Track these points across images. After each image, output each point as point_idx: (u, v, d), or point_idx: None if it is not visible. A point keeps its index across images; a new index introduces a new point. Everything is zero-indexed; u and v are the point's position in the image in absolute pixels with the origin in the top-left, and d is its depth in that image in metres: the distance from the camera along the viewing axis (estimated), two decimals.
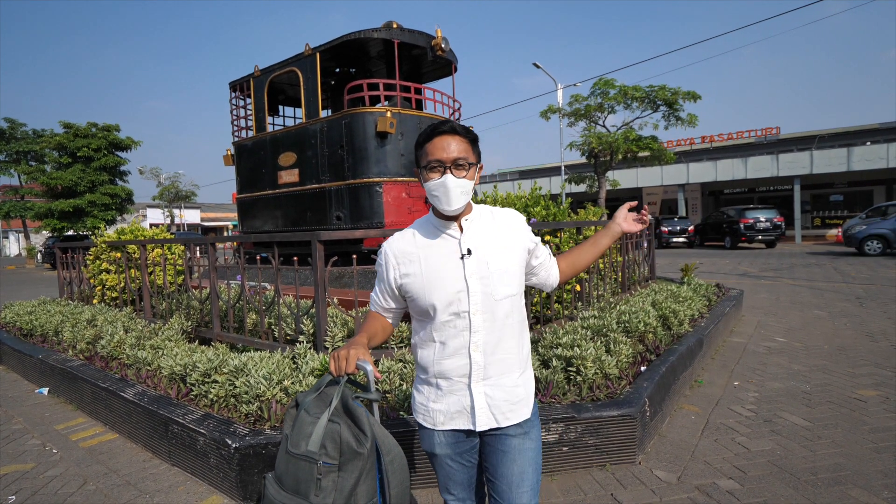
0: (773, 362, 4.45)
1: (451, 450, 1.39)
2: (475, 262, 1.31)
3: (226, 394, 2.82)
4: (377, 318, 1.46)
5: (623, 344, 3.31)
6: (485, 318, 1.31)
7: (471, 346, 1.31)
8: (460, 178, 1.28)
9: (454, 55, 6.53)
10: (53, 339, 4.72)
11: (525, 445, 1.35)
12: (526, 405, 1.35)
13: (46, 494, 2.62)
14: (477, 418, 1.31)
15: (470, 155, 1.31)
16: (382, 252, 1.42)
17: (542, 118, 21.94)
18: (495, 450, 1.36)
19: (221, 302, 4.05)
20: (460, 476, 1.42)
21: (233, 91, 7.08)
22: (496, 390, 1.32)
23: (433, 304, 1.31)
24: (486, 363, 1.31)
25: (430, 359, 1.36)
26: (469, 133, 1.31)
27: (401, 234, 1.43)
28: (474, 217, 1.38)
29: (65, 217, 22.54)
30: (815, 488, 2.40)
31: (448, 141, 1.28)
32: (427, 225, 1.40)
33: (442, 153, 1.27)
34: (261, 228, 6.74)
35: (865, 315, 6.29)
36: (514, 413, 1.33)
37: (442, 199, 1.29)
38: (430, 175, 1.30)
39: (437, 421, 1.35)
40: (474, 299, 1.30)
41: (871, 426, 3.07)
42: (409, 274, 1.35)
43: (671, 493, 2.41)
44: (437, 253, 1.34)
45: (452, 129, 1.29)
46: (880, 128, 29.03)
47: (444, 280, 1.31)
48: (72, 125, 23.18)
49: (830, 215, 27.57)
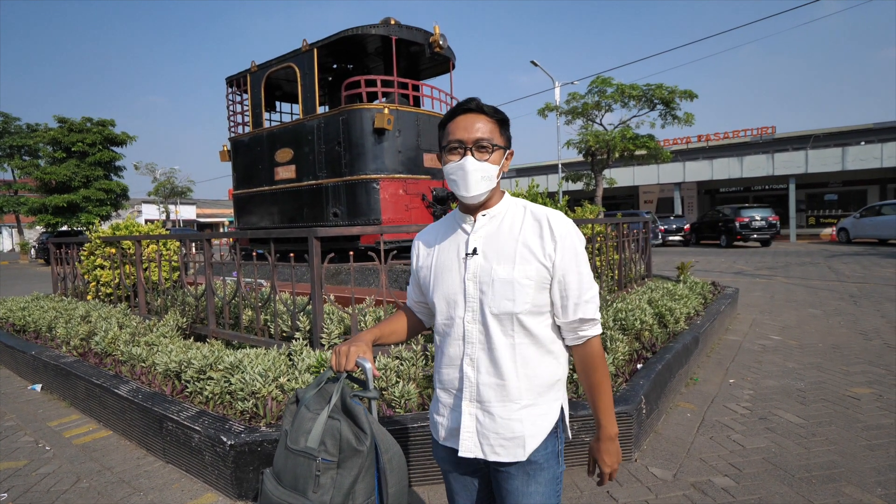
0: (768, 360, 4.47)
1: (452, 468, 1.27)
2: (478, 265, 1.16)
3: (221, 391, 2.81)
4: (403, 316, 1.40)
5: (619, 342, 3.32)
6: (481, 330, 1.15)
7: (464, 358, 1.17)
8: (482, 160, 1.13)
9: (452, 52, 6.51)
10: (47, 336, 4.68)
11: (529, 489, 1.15)
12: (520, 445, 1.13)
13: (39, 492, 2.60)
14: (462, 442, 1.17)
15: (496, 137, 1.15)
16: (413, 242, 1.37)
17: (539, 116, 21.97)
18: (499, 486, 1.20)
19: (217, 298, 4.03)
20: (462, 499, 1.29)
21: (229, 86, 7.03)
22: (488, 418, 1.15)
23: (434, 303, 1.24)
24: (478, 382, 1.15)
25: (436, 365, 1.27)
26: (497, 113, 1.17)
27: (432, 225, 1.35)
28: (497, 212, 1.20)
29: (59, 212, 22.39)
30: (809, 485, 2.42)
31: (472, 120, 1.14)
32: (451, 216, 1.29)
33: (463, 133, 1.14)
34: (257, 225, 6.71)
35: (859, 313, 6.33)
36: (505, 450, 1.14)
37: (459, 183, 1.15)
38: (449, 157, 1.16)
39: (440, 435, 1.24)
40: (471, 306, 1.16)
41: (864, 423, 3.09)
42: (423, 266, 1.30)
43: (667, 490, 2.42)
44: (448, 247, 1.24)
45: (479, 107, 1.15)
46: (874, 128, 29.19)
47: (446, 280, 1.21)
48: (66, 120, 23.00)
49: (825, 214, 27.74)
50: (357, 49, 6.56)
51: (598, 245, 4.95)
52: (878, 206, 18.07)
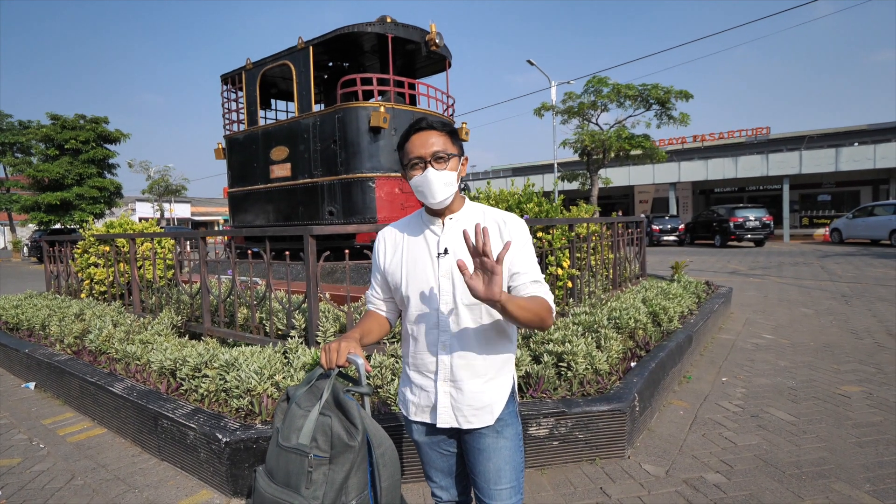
0: (760, 359, 4.51)
1: (427, 438, 1.43)
2: (450, 263, 1.32)
3: (216, 388, 2.81)
4: (373, 316, 1.48)
5: (613, 340, 3.34)
6: (453, 319, 1.32)
7: (439, 344, 1.33)
8: (441, 170, 1.29)
9: (448, 51, 6.51)
10: (40, 334, 4.66)
11: (499, 444, 1.36)
12: (489, 412, 1.34)
13: (33, 489, 2.60)
14: (439, 416, 1.35)
15: (449, 147, 1.31)
16: (378, 239, 1.47)
17: (535, 115, 21.99)
18: (471, 447, 1.38)
19: (212, 296, 4.02)
20: (440, 464, 1.46)
21: (224, 84, 7.00)
22: (459, 394, 1.33)
23: (408, 297, 1.36)
24: (452, 364, 1.33)
25: (407, 351, 1.43)
26: (446, 126, 1.33)
27: (395, 224, 1.48)
28: (461, 216, 1.38)
29: (52, 210, 22.19)
30: (799, 481, 2.45)
31: (426, 136, 1.30)
32: (417, 218, 1.43)
33: (421, 149, 1.30)
34: (252, 223, 6.69)
35: (851, 313, 6.39)
36: (477, 418, 1.33)
37: (426, 192, 1.30)
38: (412, 173, 1.32)
39: (411, 411, 1.41)
40: (444, 299, 1.32)
41: (854, 421, 3.13)
42: (393, 263, 1.40)
43: (659, 486, 2.44)
44: (418, 247, 1.37)
45: (429, 124, 1.32)
46: (868, 129, 29.42)
47: (420, 275, 1.34)
48: (59, 117, 22.78)
49: (818, 215, 27.93)
50: (353, 47, 6.54)
51: (593, 244, 4.98)
52: (870, 206, 18.22)
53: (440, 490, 1.50)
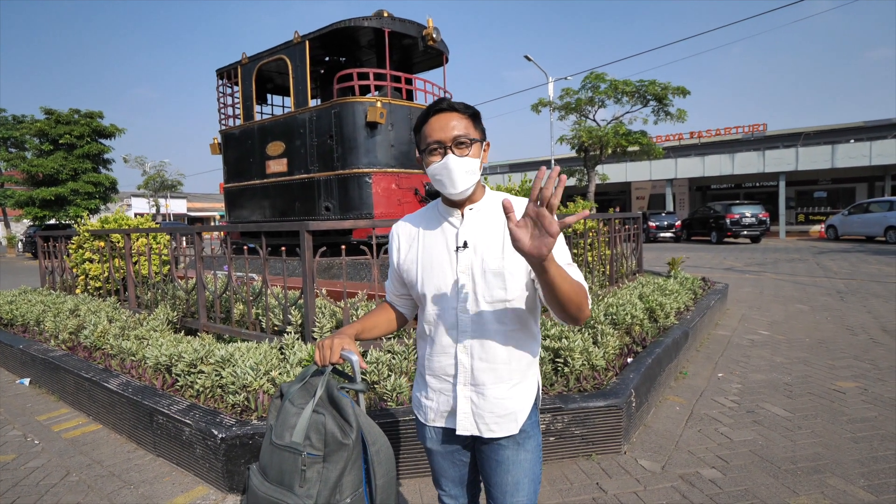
0: (756, 354, 4.53)
1: (441, 447, 1.34)
2: (469, 258, 1.21)
3: (212, 384, 2.80)
4: (384, 310, 1.41)
5: (610, 336, 3.34)
6: (474, 319, 1.21)
7: (458, 346, 1.23)
8: (463, 156, 1.17)
9: (445, 46, 6.47)
10: (35, 329, 4.63)
11: (520, 457, 1.26)
12: (514, 420, 1.23)
13: (28, 486, 2.59)
14: (459, 422, 1.25)
15: (472, 131, 1.19)
16: (391, 234, 1.38)
17: (532, 111, 21.95)
18: (489, 458, 1.28)
19: (208, 292, 4.00)
20: (451, 473, 1.38)
21: (220, 78, 6.95)
22: (482, 399, 1.23)
23: (424, 295, 1.27)
24: (473, 367, 1.22)
25: (423, 353, 1.32)
26: (469, 108, 1.21)
27: (409, 217, 1.37)
28: (482, 206, 1.25)
29: (46, 205, 22.05)
30: (794, 477, 2.46)
31: (446, 119, 1.17)
32: (433, 210, 1.32)
33: (441, 133, 1.17)
34: (248, 218, 6.66)
35: (846, 309, 6.42)
36: (500, 426, 1.23)
37: (446, 182, 1.18)
38: (430, 158, 1.19)
39: (428, 417, 1.32)
40: (463, 297, 1.21)
41: (849, 417, 3.14)
42: (408, 259, 1.31)
43: (655, 482, 2.45)
44: (436, 241, 1.27)
45: (450, 106, 1.18)
46: (864, 126, 29.49)
47: (437, 271, 1.24)
48: (53, 111, 22.59)
49: (814, 211, 28.05)
50: (349, 42, 6.50)
51: (589, 241, 4.98)
52: (866, 203, 18.29)
53: (449, 499, 1.42)
